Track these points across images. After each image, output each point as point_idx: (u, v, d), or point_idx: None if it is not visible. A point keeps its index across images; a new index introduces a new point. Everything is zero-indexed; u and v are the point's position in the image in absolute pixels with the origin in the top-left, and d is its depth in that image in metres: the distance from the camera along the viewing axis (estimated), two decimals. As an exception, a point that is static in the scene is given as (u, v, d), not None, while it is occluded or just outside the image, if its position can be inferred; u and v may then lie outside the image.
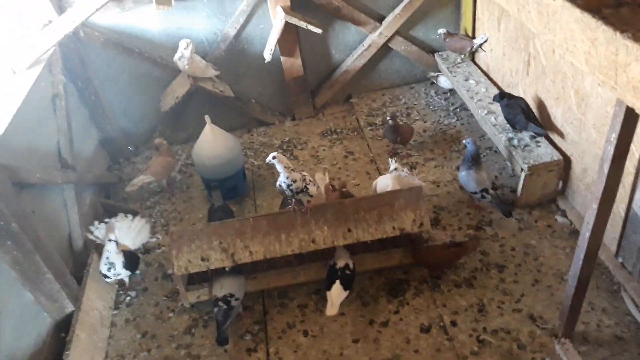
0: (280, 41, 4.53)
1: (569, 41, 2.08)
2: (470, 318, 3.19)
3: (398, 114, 5.02)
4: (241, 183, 4.27)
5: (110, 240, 3.52)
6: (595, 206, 2.26)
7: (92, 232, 3.59)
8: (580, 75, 3.25)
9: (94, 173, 4.38)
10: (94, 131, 4.68)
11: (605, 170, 2.11)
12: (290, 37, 4.58)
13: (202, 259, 3.22)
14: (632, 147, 2.83)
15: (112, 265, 3.47)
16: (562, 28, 2.11)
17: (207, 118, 4.00)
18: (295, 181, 3.04)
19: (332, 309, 3.14)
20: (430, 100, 5.19)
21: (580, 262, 2.52)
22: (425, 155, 4.50)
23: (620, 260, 3.23)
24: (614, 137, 2.01)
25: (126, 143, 4.96)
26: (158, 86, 4.75)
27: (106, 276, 3.51)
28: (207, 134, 4.00)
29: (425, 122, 4.90)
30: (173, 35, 4.49)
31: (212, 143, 3.99)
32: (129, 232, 3.66)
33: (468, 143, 3.71)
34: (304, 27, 4.39)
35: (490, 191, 3.63)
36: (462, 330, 3.12)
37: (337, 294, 3.15)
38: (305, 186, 3.10)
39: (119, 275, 3.51)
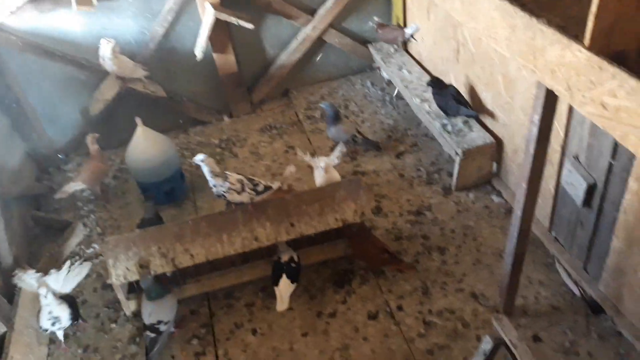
0: (212, 38, 4.44)
1: (491, 28, 2.14)
2: (415, 301, 3.25)
3: (336, 106, 5.03)
4: (179, 185, 4.16)
5: (45, 294, 3.02)
6: (524, 185, 2.35)
7: (20, 281, 3.07)
8: (506, 61, 3.37)
9: (21, 185, 4.15)
10: (18, 141, 4.42)
11: (531, 150, 2.20)
12: (221, 33, 4.49)
13: (141, 266, 3.11)
14: (557, 126, 2.97)
15: (56, 319, 3.04)
16: (484, 16, 2.17)
17: (138, 120, 3.87)
18: (223, 184, 3.08)
19: (282, 303, 3.13)
20: (367, 91, 5.24)
21: (515, 240, 2.62)
22: (364, 145, 4.54)
23: (553, 234, 3.38)
24: (536, 118, 2.09)
25: (55, 151, 4.73)
26: (86, 90, 4.55)
27: (47, 330, 3.07)
28: (139, 137, 3.87)
29: (362, 112, 4.95)
30: (98, 36, 4.28)
31: (145, 145, 3.86)
32: (65, 280, 3.16)
33: (325, 106, 4.26)
34: (235, 22, 4.31)
35: (358, 136, 4.28)
36: (408, 314, 3.19)
37: (285, 287, 3.14)
38: (252, 186, 3.17)
39: (64, 327, 3.11)
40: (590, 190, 2.80)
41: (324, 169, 3.51)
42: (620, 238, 2.71)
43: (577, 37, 1.72)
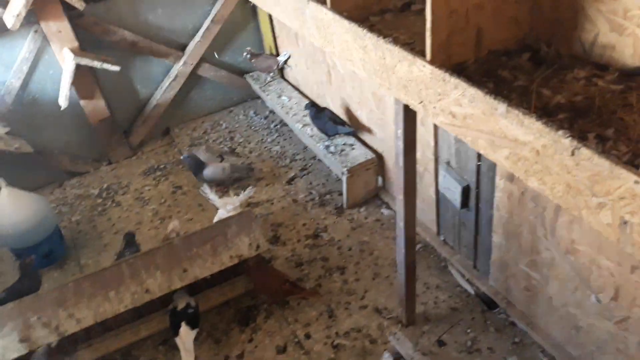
0: (76, 84, 4.20)
1: (346, 51, 2.20)
2: (322, 326, 3.23)
3: (221, 139, 4.97)
4: (58, 245, 3.85)
5: None
6: (400, 197, 2.43)
7: None
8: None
9: None
10: None
11: (401, 163, 2.27)
12: (86, 78, 4.26)
13: (22, 340, 2.81)
14: (427, 136, 3.12)
15: None
16: (338, 39, 2.23)
17: (0, 181, 3.54)
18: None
19: (187, 355, 2.96)
20: (251, 121, 5.22)
21: (403, 249, 2.69)
22: (255, 176, 4.50)
23: (442, 238, 3.53)
24: (400, 132, 2.17)
25: None
26: (-63, 155, 4.09)
27: None
28: (4, 200, 3.53)
29: (249, 142, 4.91)
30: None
31: (12, 209, 3.53)
32: None
33: (184, 158, 4.25)
34: (99, 66, 4.12)
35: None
36: (316, 341, 3.15)
37: (186, 335, 2.98)
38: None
39: None
40: (466, 192, 2.96)
41: (232, 210, 3.45)
42: (499, 234, 2.88)
43: (421, 52, 1.82)
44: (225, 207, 3.64)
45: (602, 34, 1.75)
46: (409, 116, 2.13)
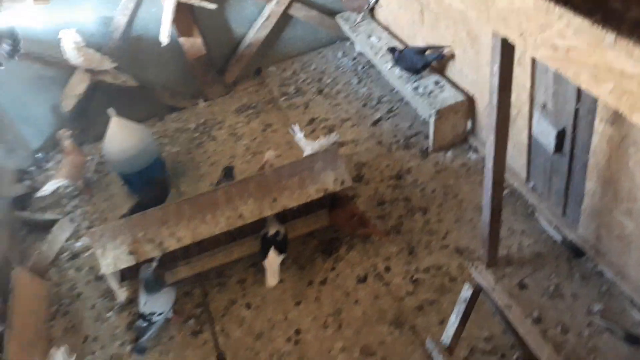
0: (176, 22, 4.41)
1: (445, -18, 2.17)
2: (402, 262, 3.33)
3: (309, 80, 5.06)
4: (160, 173, 4.17)
5: None
6: (492, 137, 2.41)
7: None
8: (468, 17, 3.40)
9: (3, 187, 4.14)
10: (-6, 144, 4.41)
11: (494, 101, 2.24)
12: (185, 16, 4.46)
13: (130, 253, 3.16)
14: (523, 77, 3.02)
15: None
16: (437, -29, 2.19)
17: (110, 111, 3.86)
18: None
19: (272, 277, 3.17)
20: (339, 63, 5.25)
21: (490, 191, 2.69)
22: (340, 117, 4.57)
23: (531, 184, 3.46)
24: (496, 68, 2.14)
25: (33, 151, 4.71)
26: (55, 86, 4.51)
27: None
28: (114, 128, 3.86)
29: (337, 84, 4.97)
30: (61, 31, 4.25)
31: (120, 137, 3.86)
32: None
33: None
34: (197, 4, 4.28)
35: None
36: (396, 274, 3.27)
37: (273, 259, 3.19)
38: None
39: None
40: (560, 136, 2.87)
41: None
42: (593, 180, 2.78)
43: (527, -17, 1.76)
44: (310, 147, 3.76)
45: None
46: (507, 51, 2.08)
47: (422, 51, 3.98)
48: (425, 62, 3.95)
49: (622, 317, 2.74)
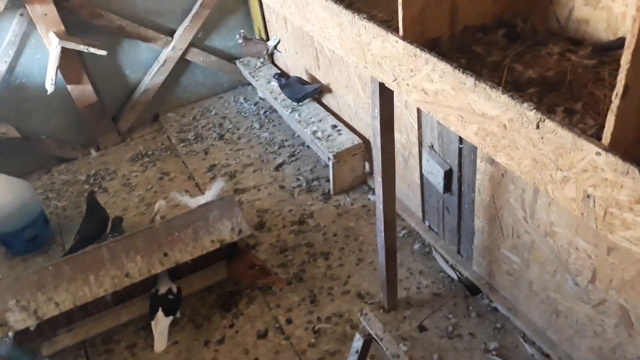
0: (62, 68, 4.16)
1: (324, 29, 2.16)
2: (304, 312, 3.20)
3: (210, 125, 4.94)
4: (43, 230, 3.82)
5: None
6: (379, 179, 2.39)
7: None
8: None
9: None
10: None
11: (378, 144, 2.24)
12: (73, 63, 4.22)
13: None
14: (411, 119, 3.08)
15: None
16: (316, 17, 2.19)
17: (-18, 165, 3.51)
18: None
19: (160, 341, 2.95)
20: (241, 107, 5.18)
21: (383, 233, 2.66)
22: (242, 162, 4.47)
23: (427, 223, 3.50)
24: (376, 112, 2.14)
25: None
26: None
27: None
28: (-13, 183, 3.51)
29: (239, 129, 4.88)
30: None
31: (-5, 193, 3.51)
32: None
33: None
34: (85, 50, 4.07)
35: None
36: (297, 326, 3.13)
37: (161, 321, 2.96)
38: None
39: None
40: (448, 176, 2.93)
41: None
42: (480, 218, 2.85)
43: (397, 29, 1.78)
44: (196, 203, 3.59)
45: (576, 8, 1.71)
46: (385, 95, 2.09)
47: (305, 82, 4.25)
48: (305, 92, 4.19)
49: (516, 352, 2.77)
